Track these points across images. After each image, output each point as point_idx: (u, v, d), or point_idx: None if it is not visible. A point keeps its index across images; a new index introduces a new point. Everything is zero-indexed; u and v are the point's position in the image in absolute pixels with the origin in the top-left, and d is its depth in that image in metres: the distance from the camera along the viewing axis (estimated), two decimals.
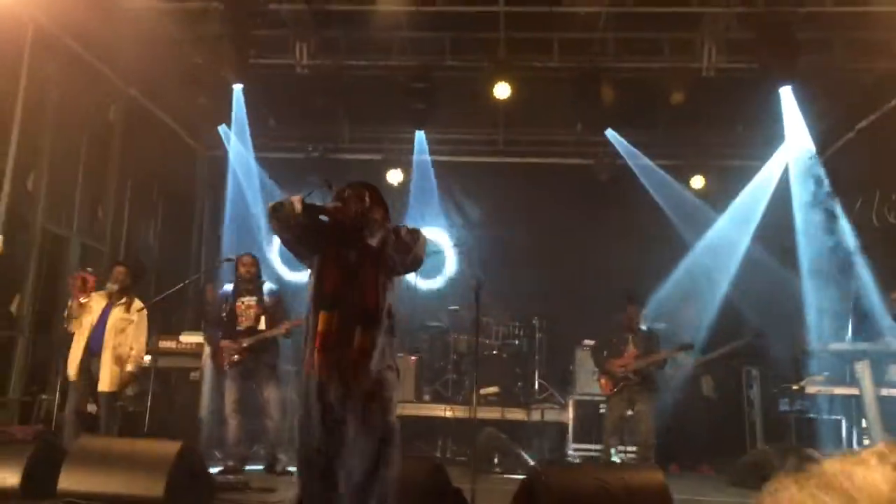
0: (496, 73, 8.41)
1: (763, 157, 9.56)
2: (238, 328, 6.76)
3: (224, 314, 6.82)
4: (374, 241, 3.85)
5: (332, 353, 3.65)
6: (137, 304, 6.27)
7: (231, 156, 9.80)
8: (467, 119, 9.98)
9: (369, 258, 3.82)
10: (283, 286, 8.21)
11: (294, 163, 10.25)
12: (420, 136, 9.77)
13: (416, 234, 3.91)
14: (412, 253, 3.87)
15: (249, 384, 6.83)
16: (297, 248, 3.95)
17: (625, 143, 9.44)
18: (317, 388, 3.67)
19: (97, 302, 6.21)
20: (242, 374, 6.76)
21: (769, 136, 9.26)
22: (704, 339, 8.43)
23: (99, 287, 6.38)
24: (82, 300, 6.14)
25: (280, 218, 3.80)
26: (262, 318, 6.78)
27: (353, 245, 3.85)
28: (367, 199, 3.90)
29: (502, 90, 8.33)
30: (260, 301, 6.82)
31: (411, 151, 10.01)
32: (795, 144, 8.89)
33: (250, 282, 6.88)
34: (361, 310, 3.73)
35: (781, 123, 8.73)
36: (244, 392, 6.80)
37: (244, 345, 6.66)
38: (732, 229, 9.49)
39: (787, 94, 8.37)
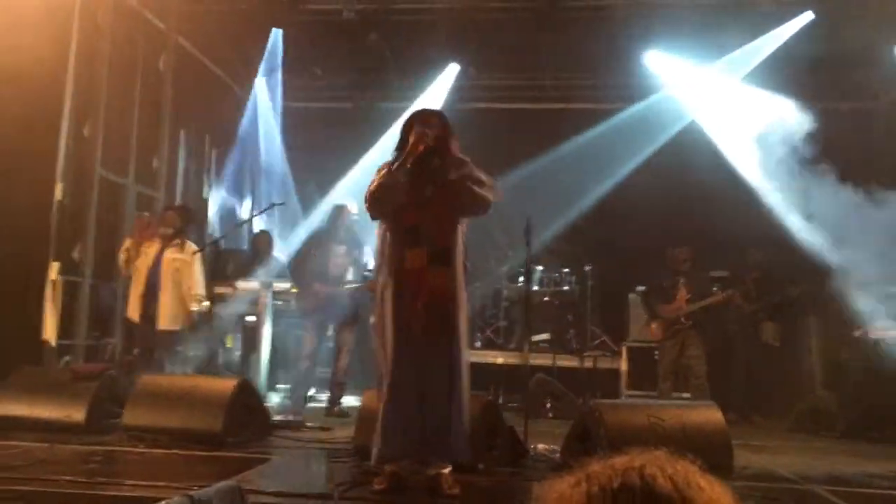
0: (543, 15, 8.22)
1: None
2: (327, 275, 6.83)
3: (314, 257, 6.89)
4: (450, 175, 3.79)
5: (414, 289, 3.68)
6: (191, 246, 6.39)
7: (260, 104, 9.84)
8: (513, 64, 9.76)
9: (444, 193, 3.79)
10: None
11: (342, 112, 10.26)
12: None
13: (487, 180, 3.84)
14: (480, 198, 3.80)
15: (327, 330, 6.95)
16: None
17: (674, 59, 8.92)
18: (396, 325, 3.69)
19: (151, 246, 6.36)
20: (324, 321, 6.86)
21: None
22: (761, 278, 8.07)
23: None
24: (138, 244, 6.32)
25: (388, 201, 3.76)
26: (351, 269, 6.87)
27: (427, 179, 3.81)
28: (437, 125, 3.84)
29: None
30: (349, 252, 6.90)
31: (456, 99, 9.88)
32: None
33: (347, 232, 6.95)
34: (441, 247, 3.75)
35: None
36: (321, 338, 6.93)
37: (333, 292, 6.73)
38: None
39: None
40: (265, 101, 9.78)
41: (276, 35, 8.85)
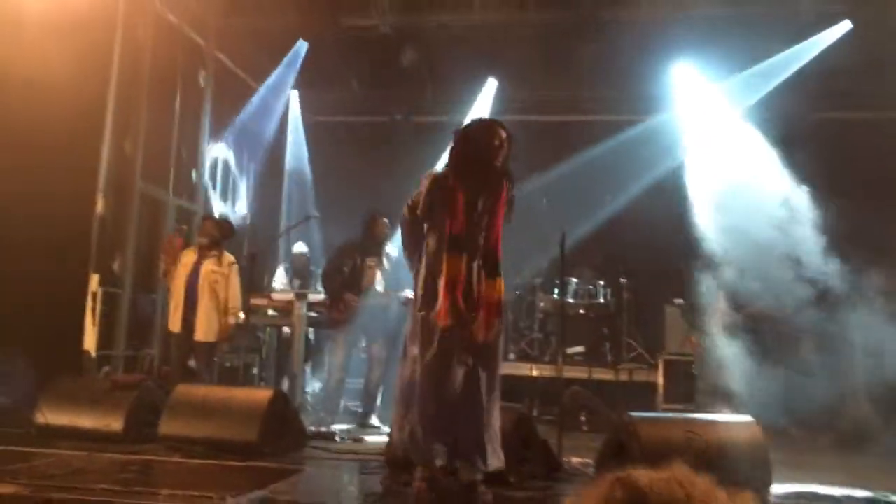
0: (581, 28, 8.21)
1: None
2: (359, 287, 6.82)
3: (346, 269, 6.87)
4: (505, 191, 3.83)
5: (459, 298, 3.65)
6: (228, 257, 6.43)
7: (290, 118, 10.00)
8: (549, 76, 9.73)
9: (498, 205, 3.81)
10: None
11: (379, 127, 10.34)
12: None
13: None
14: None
15: (359, 341, 6.96)
16: None
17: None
18: (440, 333, 3.66)
19: (188, 257, 6.43)
20: (356, 332, 6.86)
21: None
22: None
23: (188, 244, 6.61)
24: (171, 261, 6.42)
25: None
26: (382, 281, 6.87)
27: (483, 188, 3.80)
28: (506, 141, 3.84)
29: None
30: (380, 263, 6.89)
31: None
32: None
33: (380, 244, 6.94)
34: (488, 256, 3.70)
35: None
36: (353, 349, 6.94)
37: (365, 304, 6.72)
38: None
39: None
40: (296, 113, 9.91)
41: (300, 46, 8.94)
